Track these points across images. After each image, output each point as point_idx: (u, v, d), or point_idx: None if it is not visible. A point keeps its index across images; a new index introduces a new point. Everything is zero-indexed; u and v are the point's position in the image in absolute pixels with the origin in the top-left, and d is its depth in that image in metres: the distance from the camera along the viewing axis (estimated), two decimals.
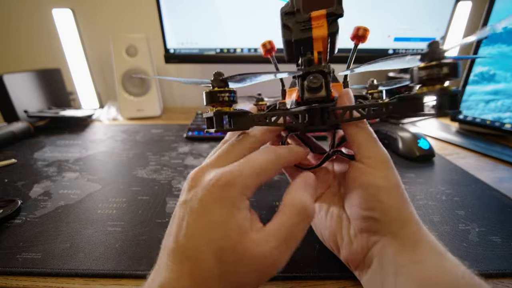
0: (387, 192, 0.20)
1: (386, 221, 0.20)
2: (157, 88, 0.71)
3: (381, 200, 0.20)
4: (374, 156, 0.21)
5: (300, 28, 0.21)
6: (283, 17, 0.22)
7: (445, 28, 0.59)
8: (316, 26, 0.21)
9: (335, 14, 0.20)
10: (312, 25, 0.21)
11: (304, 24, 0.21)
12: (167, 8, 0.58)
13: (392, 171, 0.21)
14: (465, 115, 0.59)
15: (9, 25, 0.77)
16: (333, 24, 0.21)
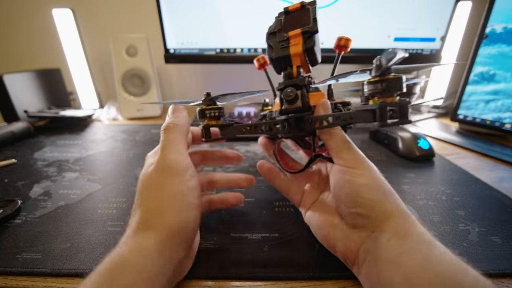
0: (368, 188, 0.21)
1: (371, 215, 0.21)
2: (157, 88, 0.71)
3: (363, 196, 0.21)
4: (351, 157, 0.23)
5: (280, 47, 0.24)
6: (267, 37, 0.25)
7: (445, 28, 0.59)
8: (293, 44, 0.24)
9: (309, 32, 0.23)
10: (290, 43, 0.24)
11: (283, 43, 0.24)
12: (167, 8, 0.58)
13: (370, 168, 0.22)
14: (465, 115, 0.59)
15: (9, 25, 0.77)
16: (308, 40, 0.23)
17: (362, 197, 0.21)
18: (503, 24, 0.52)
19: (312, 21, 0.23)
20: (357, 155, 0.23)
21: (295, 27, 0.24)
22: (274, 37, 0.25)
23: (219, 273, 0.23)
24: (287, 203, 0.33)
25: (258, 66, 0.29)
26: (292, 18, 0.25)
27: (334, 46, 0.26)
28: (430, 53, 0.61)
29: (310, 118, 0.23)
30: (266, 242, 0.27)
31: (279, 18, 0.25)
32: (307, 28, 0.23)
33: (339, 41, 0.25)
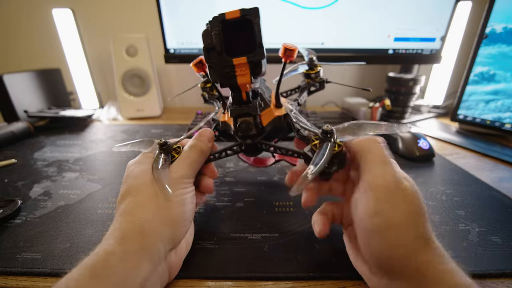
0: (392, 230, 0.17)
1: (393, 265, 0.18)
2: (157, 88, 0.71)
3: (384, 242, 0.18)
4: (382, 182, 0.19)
5: (225, 74, 0.22)
6: (205, 53, 0.22)
7: (445, 28, 0.59)
8: (239, 73, 0.22)
9: (254, 61, 0.21)
10: (236, 72, 0.22)
11: (228, 71, 0.22)
12: (167, 8, 0.58)
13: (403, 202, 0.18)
14: (465, 115, 0.59)
15: (9, 25, 0.77)
16: (256, 69, 0.21)
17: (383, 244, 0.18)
18: (503, 24, 0.52)
19: (258, 46, 0.20)
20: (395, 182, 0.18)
21: (239, 50, 0.21)
22: (214, 56, 0.21)
23: (219, 273, 0.23)
24: (287, 203, 0.33)
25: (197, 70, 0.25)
26: (233, 33, 0.21)
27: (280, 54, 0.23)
28: (430, 53, 0.61)
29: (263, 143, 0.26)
30: (266, 242, 0.27)
31: (216, 30, 0.20)
32: (253, 58, 0.21)
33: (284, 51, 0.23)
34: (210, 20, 0.21)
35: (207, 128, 0.27)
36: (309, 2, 0.56)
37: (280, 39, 0.59)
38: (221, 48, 0.21)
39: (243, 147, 0.27)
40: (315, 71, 0.35)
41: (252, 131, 0.25)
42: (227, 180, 0.39)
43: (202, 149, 0.24)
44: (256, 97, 0.25)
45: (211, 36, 0.21)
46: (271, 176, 0.40)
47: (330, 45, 0.60)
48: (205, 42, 0.21)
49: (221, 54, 0.21)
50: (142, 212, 0.20)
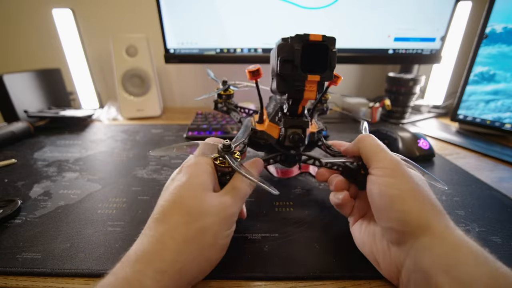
0: (401, 200, 0.19)
1: (408, 230, 0.19)
2: (157, 88, 0.71)
3: (396, 209, 0.19)
4: (383, 164, 0.22)
5: (295, 87, 0.24)
6: (280, 64, 0.23)
7: (445, 28, 0.59)
8: (308, 89, 0.24)
9: (323, 81, 0.24)
10: (305, 87, 0.24)
11: (299, 84, 0.24)
12: (167, 8, 0.58)
13: (404, 176, 0.20)
14: (465, 115, 0.59)
15: (9, 25, 0.77)
16: (321, 87, 0.24)
17: (394, 209, 0.19)
18: (503, 24, 0.52)
19: (329, 69, 0.23)
20: (390, 161, 0.22)
21: (313, 67, 0.23)
22: (288, 69, 0.23)
23: (219, 273, 0.23)
24: (287, 203, 0.33)
25: (250, 77, 0.27)
26: (311, 53, 0.23)
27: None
28: (430, 53, 0.61)
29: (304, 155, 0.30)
30: (266, 242, 0.27)
31: (298, 46, 0.23)
32: (325, 78, 0.23)
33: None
34: (292, 36, 0.23)
35: (259, 159, 0.27)
36: (309, 2, 0.56)
37: None
38: (299, 63, 0.23)
39: (282, 158, 0.30)
40: (327, 98, 0.40)
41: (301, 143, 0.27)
42: None
43: (253, 185, 0.24)
44: (304, 111, 0.28)
45: (290, 50, 0.23)
46: (271, 176, 0.40)
47: None
48: (280, 54, 0.23)
49: (297, 68, 0.23)
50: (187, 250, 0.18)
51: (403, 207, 0.19)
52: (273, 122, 0.29)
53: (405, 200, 0.19)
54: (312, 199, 0.34)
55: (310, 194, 0.35)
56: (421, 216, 0.19)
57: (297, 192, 0.36)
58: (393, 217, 0.20)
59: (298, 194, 0.35)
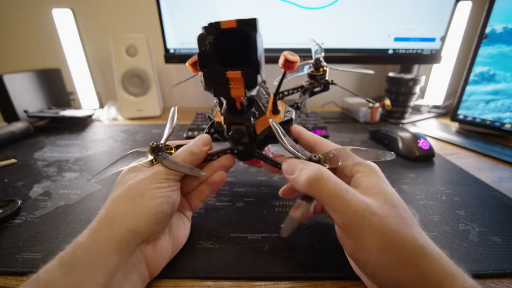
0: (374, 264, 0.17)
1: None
2: (157, 88, 0.71)
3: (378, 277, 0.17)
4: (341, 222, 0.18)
5: (218, 85, 0.21)
6: (199, 60, 0.20)
7: (445, 28, 0.59)
8: (233, 87, 0.21)
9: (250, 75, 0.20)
10: (230, 85, 0.21)
11: (222, 82, 0.21)
12: (167, 8, 0.58)
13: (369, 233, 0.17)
14: (465, 115, 0.59)
15: (9, 25, 0.77)
16: (251, 82, 0.20)
17: (371, 275, 0.18)
18: (503, 24, 0.52)
19: (253, 62, 0.19)
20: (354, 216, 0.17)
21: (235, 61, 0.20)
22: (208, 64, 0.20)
23: (219, 273, 0.23)
24: (287, 203, 0.33)
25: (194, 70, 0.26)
26: (227, 41, 0.19)
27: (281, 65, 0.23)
28: (430, 53, 0.61)
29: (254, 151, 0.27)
30: (266, 242, 0.27)
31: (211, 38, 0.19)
32: (248, 74, 0.20)
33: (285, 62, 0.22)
34: (205, 26, 0.19)
35: (204, 134, 0.28)
36: (309, 2, 0.56)
37: (280, 39, 0.59)
38: (214, 58, 0.20)
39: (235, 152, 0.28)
40: (321, 73, 0.34)
41: (245, 139, 0.25)
42: (227, 180, 0.39)
43: (192, 151, 0.25)
44: (251, 106, 0.24)
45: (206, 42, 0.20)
46: (271, 176, 0.40)
47: (330, 45, 0.60)
48: (199, 47, 0.20)
49: (215, 64, 0.20)
50: (114, 203, 0.21)
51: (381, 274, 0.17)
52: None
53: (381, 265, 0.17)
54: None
55: None
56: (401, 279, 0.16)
57: None
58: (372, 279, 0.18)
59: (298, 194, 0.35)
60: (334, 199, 0.18)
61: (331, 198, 0.18)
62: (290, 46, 0.60)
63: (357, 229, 0.17)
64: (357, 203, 0.18)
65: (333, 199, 0.18)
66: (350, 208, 0.18)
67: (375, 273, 0.17)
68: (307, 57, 0.35)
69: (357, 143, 0.53)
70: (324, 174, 0.19)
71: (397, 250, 0.16)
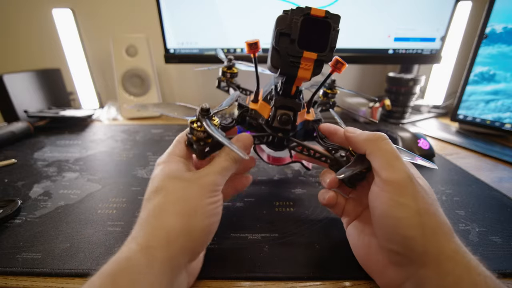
0: (407, 223, 0.18)
1: (411, 255, 0.18)
2: (157, 88, 0.71)
3: (400, 233, 0.18)
4: (394, 178, 0.19)
5: (289, 61, 0.22)
6: (277, 36, 0.22)
7: (445, 28, 0.59)
8: (303, 67, 0.22)
9: (321, 61, 0.22)
10: (300, 64, 0.22)
11: (293, 60, 0.22)
12: (167, 8, 0.58)
13: (413, 195, 0.18)
14: (465, 115, 0.59)
15: (9, 25, 0.77)
16: (318, 68, 0.22)
17: (399, 234, 0.18)
18: (503, 24, 0.52)
19: (329, 49, 0.21)
20: (404, 177, 0.19)
21: (312, 46, 0.21)
22: (285, 41, 0.22)
23: (219, 273, 0.23)
24: (287, 203, 0.33)
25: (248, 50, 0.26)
26: (311, 28, 0.21)
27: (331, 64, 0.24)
28: (430, 53, 0.61)
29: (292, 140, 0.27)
30: (266, 242, 0.27)
31: (297, 19, 0.21)
32: (322, 58, 0.22)
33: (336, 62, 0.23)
34: (293, 9, 0.21)
35: (246, 134, 0.25)
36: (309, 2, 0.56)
37: None
38: (296, 37, 0.21)
39: (270, 139, 0.27)
40: (334, 92, 0.38)
41: (288, 126, 0.25)
42: None
43: (236, 158, 0.23)
44: (300, 95, 0.26)
45: (289, 22, 0.21)
46: (271, 176, 0.40)
47: None
48: (279, 26, 0.22)
49: (293, 42, 0.21)
50: (167, 218, 0.19)
51: (410, 233, 0.18)
52: (266, 101, 0.27)
53: (413, 226, 0.18)
54: (312, 199, 0.34)
55: (310, 194, 0.35)
56: (428, 244, 0.17)
57: (297, 192, 0.36)
58: (397, 240, 0.18)
59: (298, 194, 0.35)
60: (391, 155, 0.20)
61: (388, 154, 0.20)
62: None
63: (405, 187, 0.19)
64: (409, 168, 0.20)
65: (390, 156, 0.20)
66: (403, 167, 0.20)
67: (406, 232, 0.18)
68: None
69: None
70: (386, 136, 0.22)
71: (433, 219, 0.18)
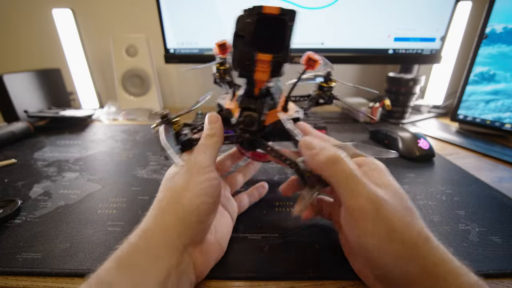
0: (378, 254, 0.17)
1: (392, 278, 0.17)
2: (157, 88, 0.71)
3: (374, 261, 0.18)
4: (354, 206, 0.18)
5: (245, 63, 0.22)
6: (233, 39, 0.22)
7: (445, 28, 0.59)
8: (259, 70, 0.22)
9: (278, 62, 0.21)
10: (256, 67, 0.22)
11: (249, 63, 0.21)
12: (167, 8, 0.58)
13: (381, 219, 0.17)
14: (465, 115, 0.59)
15: (9, 25, 0.77)
16: (276, 71, 0.22)
17: (373, 261, 0.18)
18: (503, 24, 0.52)
19: (285, 48, 0.21)
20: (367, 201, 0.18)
21: (266, 46, 0.21)
22: (241, 44, 0.22)
23: (219, 273, 0.23)
24: (287, 203, 0.33)
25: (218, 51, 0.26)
26: (266, 27, 0.21)
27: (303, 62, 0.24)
28: (430, 53, 0.61)
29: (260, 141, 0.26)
30: (266, 242, 0.27)
31: (249, 19, 0.21)
32: (278, 59, 0.21)
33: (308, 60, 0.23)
34: (247, 8, 0.21)
35: (213, 113, 0.26)
36: (309, 2, 0.56)
37: None
38: (250, 39, 0.21)
39: (240, 140, 0.27)
40: (329, 85, 0.35)
41: (254, 127, 0.25)
42: None
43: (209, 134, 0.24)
44: (267, 95, 0.26)
45: (244, 23, 0.21)
46: (271, 176, 0.40)
47: (330, 45, 0.60)
48: (236, 27, 0.21)
49: (248, 44, 0.21)
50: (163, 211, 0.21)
51: (383, 261, 0.17)
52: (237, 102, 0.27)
53: (385, 254, 0.17)
54: None
55: None
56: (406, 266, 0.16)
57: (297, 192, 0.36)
58: (373, 266, 0.18)
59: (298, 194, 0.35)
60: (350, 180, 0.19)
61: (347, 179, 0.19)
62: None
63: (369, 213, 0.17)
64: (371, 188, 0.18)
65: (349, 181, 0.19)
66: (364, 191, 0.18)
67: (379, 261, 0.17)
68: None
69: None
70: (343, 156, 0.20)
71: (405, 239, 0.17)
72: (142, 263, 0.18)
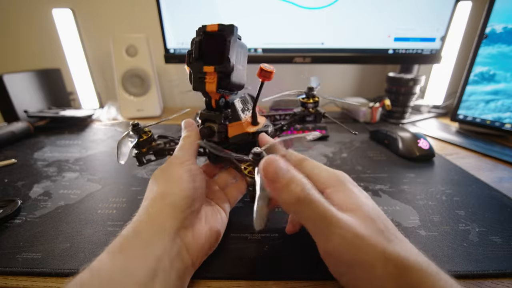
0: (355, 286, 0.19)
1: None
2: (157, 88, 0.71)
3: None
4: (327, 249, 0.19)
5: (197, 78, 0.24)
6: (187, 60, 0.24)
7: (445, 28, 0.59)
8: (208, 81, 0.23)
9: (222, 72, 0.23)
10: (205, 79, 0.23)
11: (200, 76, 0.24)
12: (167, 8, 0.58)
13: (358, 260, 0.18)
14: (465, 115, 0.59)
15: (9, 25, 0.77)
16: (223, 81, 0.23)
17: None
18: (503, 24, 0.52)
19: (226, 60, 0.22)
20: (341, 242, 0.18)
21: (212, 60, 0.23)
22: (192, 61, 0.24)
23: (220, 273, 0.23)
24: None
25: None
26: (210, 43, 0.23)
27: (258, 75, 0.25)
28: (430, 53, 0.61)
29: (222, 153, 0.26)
30: (266, 242, 0.27)
31: (197, 38, 0.23)
32: (220, 69, 0.23)
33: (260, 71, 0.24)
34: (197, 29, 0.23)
35: (188, 119, 0.28)
36: (309, 2, 0.56)
37: (280, 39, 0.59)
38: (197, 55, 0.23)
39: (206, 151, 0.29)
40: (311, 101, 0.34)
41: (214, 138, 0.27)
42: None
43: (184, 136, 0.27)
44: (227, 107, 0.27)
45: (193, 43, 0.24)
46: None
47: (330, 45, 0.60)
48: (190, 47, 0.24)
49: (197, 60, 0.23)
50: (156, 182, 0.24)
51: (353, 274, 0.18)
52: None
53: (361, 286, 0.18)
54: None
55: None
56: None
57: None
58: None
59: None
60: (318, 222, 0.18)
61: (316, 221, 0.19)
62: (289, 46, 0.60)
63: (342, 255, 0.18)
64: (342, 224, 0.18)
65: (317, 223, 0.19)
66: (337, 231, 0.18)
67: None
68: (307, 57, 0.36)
69: (357, 143, 0.53)
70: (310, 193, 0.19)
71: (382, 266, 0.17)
72: (131, 249, 0.19)
